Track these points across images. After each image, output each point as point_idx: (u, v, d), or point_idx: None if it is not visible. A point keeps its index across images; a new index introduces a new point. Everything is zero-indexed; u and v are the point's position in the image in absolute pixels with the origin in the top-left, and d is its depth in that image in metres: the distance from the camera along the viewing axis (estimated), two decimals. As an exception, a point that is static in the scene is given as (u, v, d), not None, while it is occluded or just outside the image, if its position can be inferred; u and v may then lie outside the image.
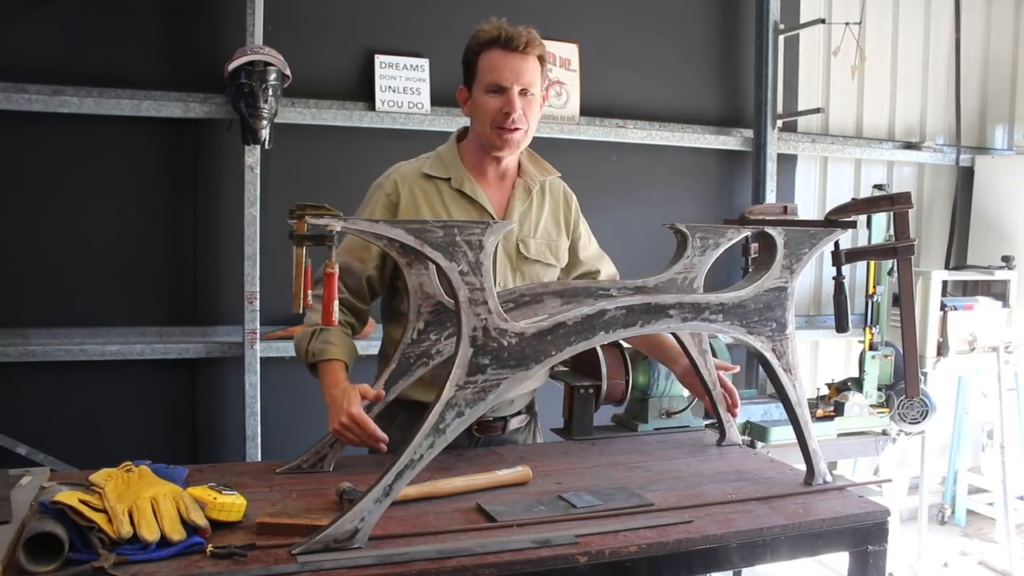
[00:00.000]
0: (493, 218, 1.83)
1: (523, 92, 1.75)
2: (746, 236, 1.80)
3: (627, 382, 1.97)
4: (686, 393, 2.02)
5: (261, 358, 2.96)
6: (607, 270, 2.04)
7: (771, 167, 3.80)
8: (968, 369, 3.94)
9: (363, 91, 3.21)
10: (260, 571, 1.13)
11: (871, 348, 3.25)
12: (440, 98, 3.22)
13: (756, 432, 2.84)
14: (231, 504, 1.27)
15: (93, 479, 1.28)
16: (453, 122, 3.11)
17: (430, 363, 1.60)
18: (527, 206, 1.88)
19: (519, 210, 1.86)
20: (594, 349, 1.93)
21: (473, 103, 1.80)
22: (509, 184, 1.88)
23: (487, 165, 1.85)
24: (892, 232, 1.76)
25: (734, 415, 1.89)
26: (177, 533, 1.18)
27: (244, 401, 2.95)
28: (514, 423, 1.94)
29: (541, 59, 1.80)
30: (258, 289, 2.93)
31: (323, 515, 1.27)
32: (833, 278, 2.50)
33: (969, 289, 4.00)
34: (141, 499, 1.21)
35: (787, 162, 3.96)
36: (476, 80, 1.77)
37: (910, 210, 1.73)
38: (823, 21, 3.73)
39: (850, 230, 1.70)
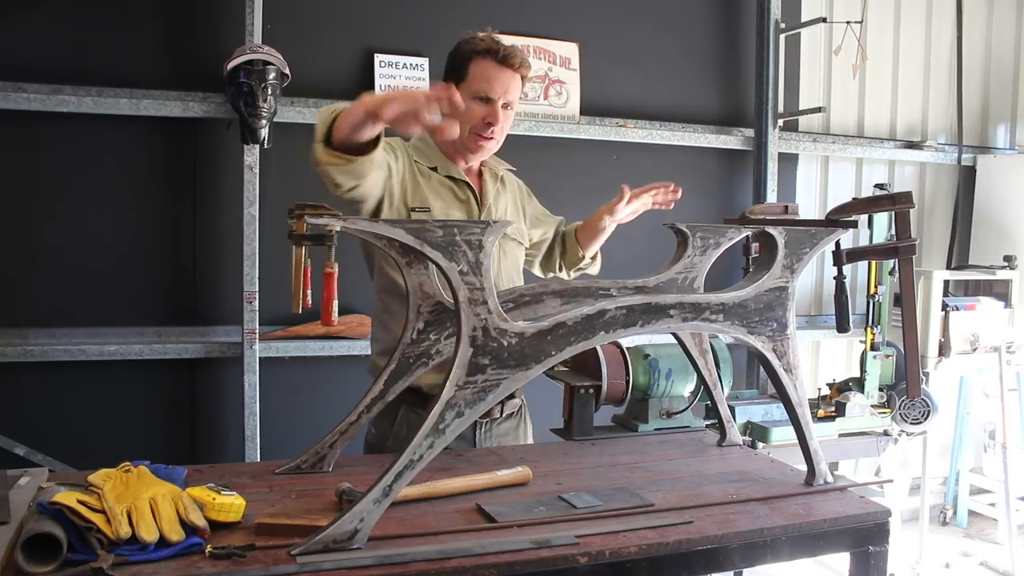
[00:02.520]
0: (475, 195, 1.98)
1: (505, 105, 1.88)
2: (747, 236, 1.80)
3: (627, 382, 1.97)
4: (686, 393, 2.02)
5: (260, 358, 2.96)
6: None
7: (772, 166, 3.80)
8: (970, 369, 3.94)
9: (363, 90, 3.20)
10: (259, 572, 1.13)
11: (872, 348, 3.24)
12: (439, 97, 3.21)
13: (757, 432, 2.84)
14: (230, 504, 1.27)
15: (91, 479, 1.27)
16: (452, 121, 3.11)
17: (430, 363, 1.60)
18: (496, 190, 2.04)
19: (492, 192, 2.01)
20: (594, 349, 1.93)
21: None
22: (477, 171, 2.04)
23: (458, 158, 1.99)
24: (893, 232, 1.76)
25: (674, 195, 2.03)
26: (176, 534, 1.17)
27: (243, 401, 2.95)
28: (508, 406, 2.03)
29: (524, 78, 1.93)
30: (257, 289, 2.93)
31: (322, 516, 1.27)
32: (834, 278, 2.50)
33: (971, 289, 3.99)
34: (140, 500, 1.21)
35: (788, 161, 3.96)
36: (464, 84, 1.84)
37: (911, 209, 1.73)
38: (824, 20, 3.72)
39: (851, 230, 1.70)
